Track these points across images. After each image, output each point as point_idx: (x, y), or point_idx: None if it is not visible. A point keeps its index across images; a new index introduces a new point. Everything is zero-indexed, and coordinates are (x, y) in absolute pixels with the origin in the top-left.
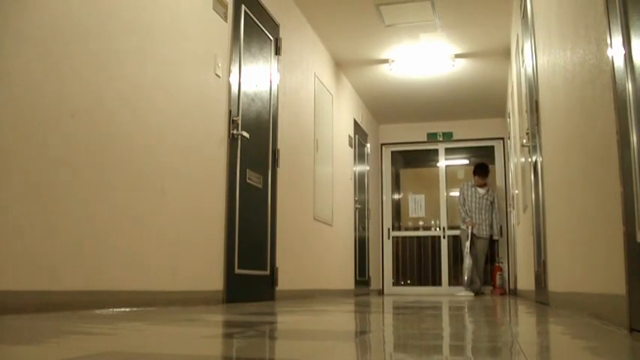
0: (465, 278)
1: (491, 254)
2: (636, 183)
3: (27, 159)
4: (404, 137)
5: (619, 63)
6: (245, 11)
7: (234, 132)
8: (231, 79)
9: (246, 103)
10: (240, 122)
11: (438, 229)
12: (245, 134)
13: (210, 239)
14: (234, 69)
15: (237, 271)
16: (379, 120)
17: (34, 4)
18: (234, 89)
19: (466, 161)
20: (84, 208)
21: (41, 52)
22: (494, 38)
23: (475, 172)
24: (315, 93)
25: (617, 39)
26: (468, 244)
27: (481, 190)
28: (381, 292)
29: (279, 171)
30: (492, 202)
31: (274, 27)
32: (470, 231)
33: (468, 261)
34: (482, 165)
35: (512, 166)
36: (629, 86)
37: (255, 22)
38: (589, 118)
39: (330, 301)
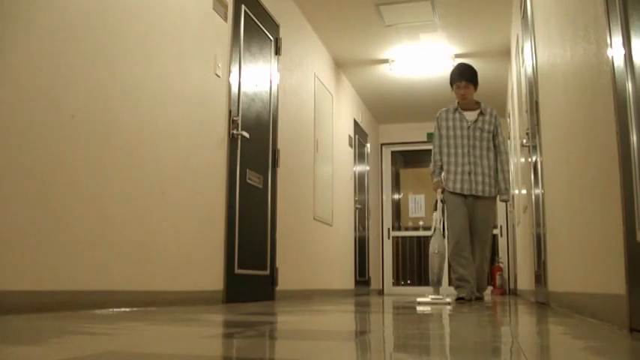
0: (435, 271)
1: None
2: (636, 183)
3: (27, 159)
4: (404, 137)
5: (619, 63)
6: (245, 11)
7: (234, 132)
8: (231, 79)
9: (246, 103)
10: (240, 122)
11: None
12: (245, 134)
13: (210, 239)
14: (234, 69)
15: (237, 271)
16: (379, 120)
17: (37, 3)
18: (234, 89)
19: None
20: (84, 207)
21: (41, 52)
22: (494, 38)
23: (455, 79)
24: (315, 93)
25: (617, 39)
26: (435, 215)
27: (470, 115)
28: (381, 292)
29: (279, 171)
30: (495, 135)
31: (274, 27)
32: (438, 197)
33: (436, 245)
34: (465, 65)
35: (512, 166)
36: (629, 86)
37: (255, 22)
38: (589, 118)
39: (330, 301)
